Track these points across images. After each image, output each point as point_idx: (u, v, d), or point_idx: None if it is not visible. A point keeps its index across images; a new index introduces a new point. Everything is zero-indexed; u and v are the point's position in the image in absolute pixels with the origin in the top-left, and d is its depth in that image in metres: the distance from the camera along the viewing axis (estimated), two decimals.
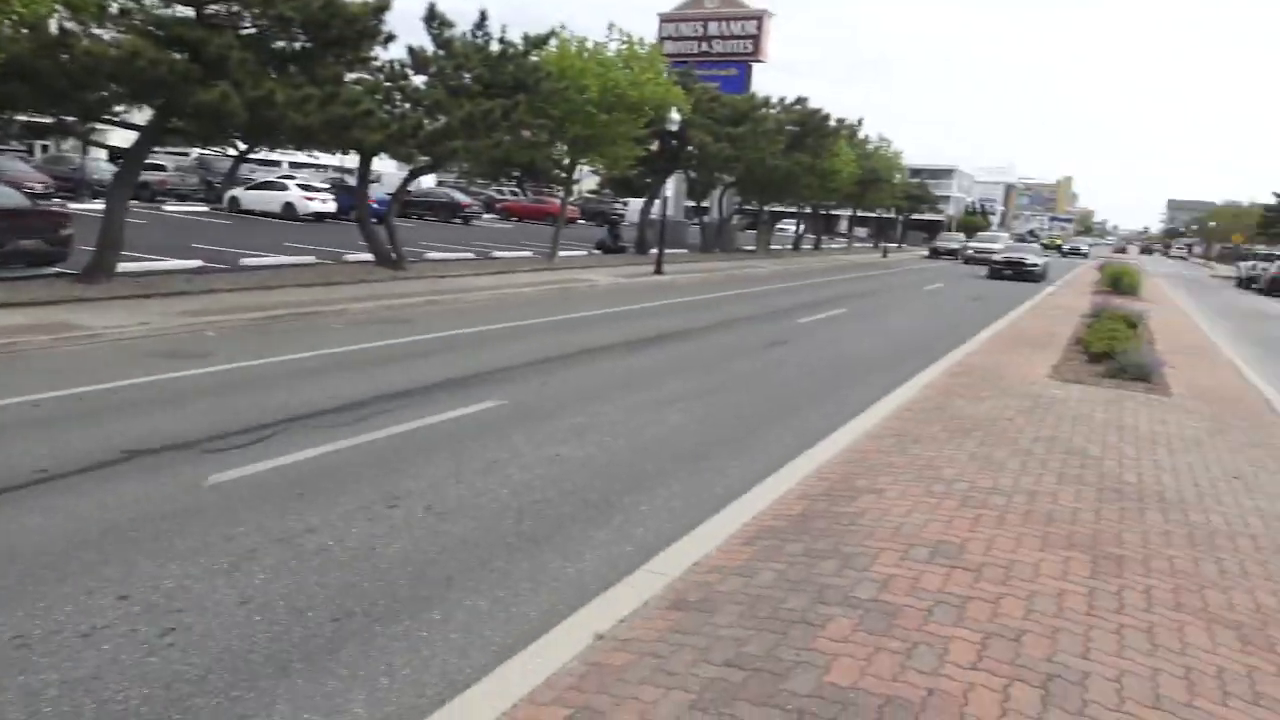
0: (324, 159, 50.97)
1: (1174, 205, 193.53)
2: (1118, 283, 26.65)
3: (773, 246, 44.67)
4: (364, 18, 14.94)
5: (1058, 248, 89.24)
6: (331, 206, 35.90)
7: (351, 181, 32.54)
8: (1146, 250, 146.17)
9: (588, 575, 4.88)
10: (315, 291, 15.72)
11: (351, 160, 24.93)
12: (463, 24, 20.66)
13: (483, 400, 8.62)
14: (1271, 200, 66.31)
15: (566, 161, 26.88)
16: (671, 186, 40.05)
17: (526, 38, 21.20)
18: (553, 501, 5.99)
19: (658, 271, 24.92)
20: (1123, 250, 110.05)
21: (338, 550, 4.98)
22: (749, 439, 7.94)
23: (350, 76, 16.97)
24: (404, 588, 4.59)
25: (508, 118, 19.34)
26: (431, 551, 5.06)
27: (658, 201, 30.54)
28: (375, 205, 28.97)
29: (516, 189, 63.18)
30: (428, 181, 48.17)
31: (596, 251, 31.58)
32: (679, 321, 15.58)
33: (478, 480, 6.30)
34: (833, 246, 60.49)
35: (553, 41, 22.91)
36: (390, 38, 16.71)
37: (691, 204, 43.05)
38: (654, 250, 28.27)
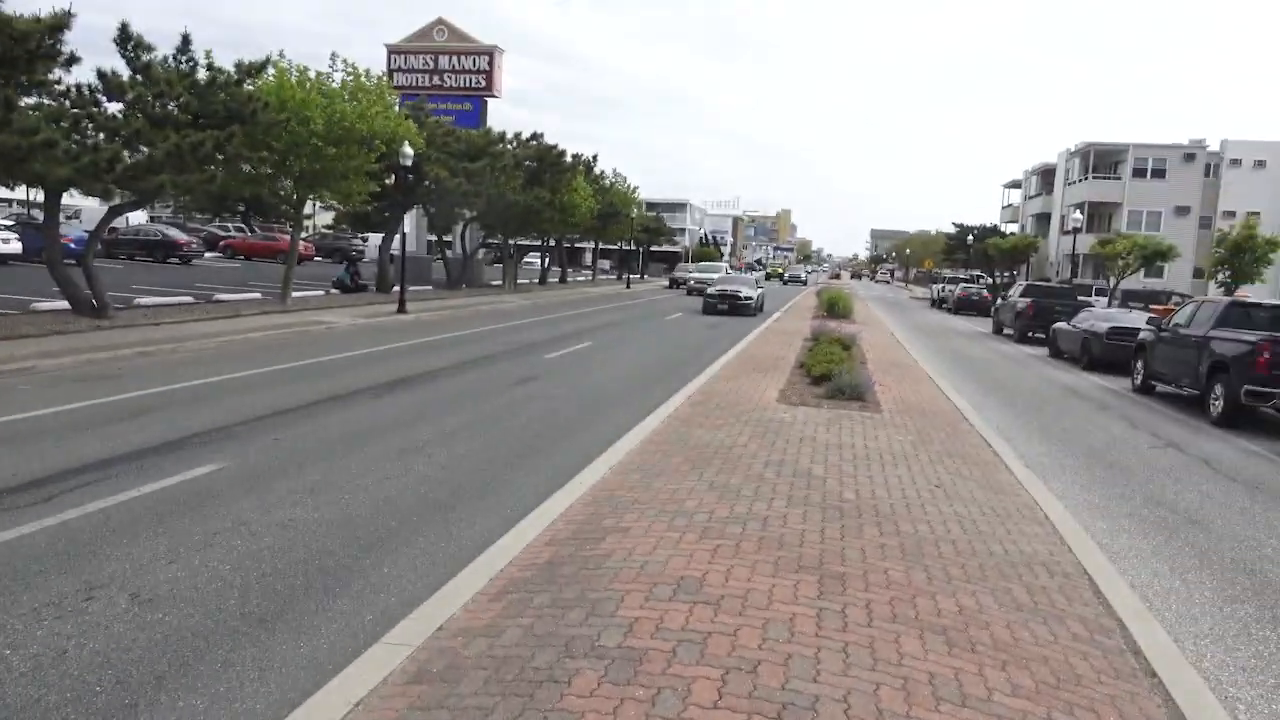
0: (4, 192, 45.08)
1: (876, 234, 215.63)
2: (833, 308, 29.17)
3: (520, 280, 44.84)
4: (35, 35, 13.33)
5: (780, 276, 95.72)
6: (15, 247, 31.77)
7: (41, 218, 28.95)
8: (856, 275, 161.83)
9: (323, 655, 4.53)
10: None
11: (39, 194, 22.16)
12: (164, 47, 19.10)
13: (202, 464, 7.86)
14: (952, 229, 75.57)
15: (294, 197, 25.50)
16: (411, 221, 39.13)
17: (239, 66, 19.94)
18: (284, 573, 5.53)
19: (400, 310, 24.20)
20: (837, 276, 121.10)
21: (17, 660, 4.28)
22: (497, 484, 7.80)
23: (27, 101, 15.09)
24: (101, 696, 4.02)
25: (222, 150, 18.05)
26: (137, 648, 4.48)
27: (398, 237, 29.71)
28: (72, 245, 25.96)
29: (243, 225, 59.14)
30: (138, 218, 43.86)
31: (334, 291, 30.17)
32: (424, 362, 15.15)
33: (195, 557, 5.70)
34: (578, 279, 61.73)
35: (270, 70, 21.72)
36: (74, 59, 15.08)
37: (434, 239, 42.32)
38: (396, 288, 27.43)
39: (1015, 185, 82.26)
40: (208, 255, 44.67)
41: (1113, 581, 5.86)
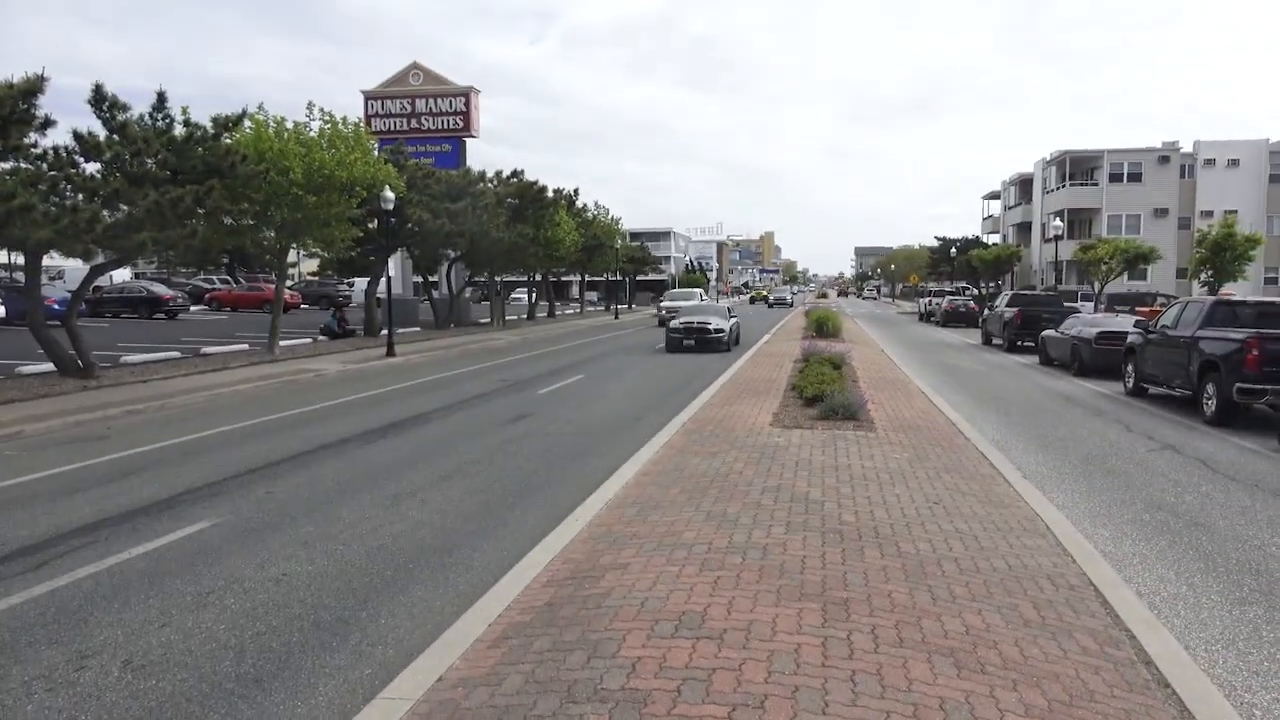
0: None
1: (860, 251, 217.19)
2: (822, 327, 29.22)
3: (508, 317, 44.88)
4: (9, 101, 13.35)
5: (765, 299, 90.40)
6: None
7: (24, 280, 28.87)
8: (843, 293, 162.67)
9: (320, 713, 4.43)
10: None
11: (21, 257, 22.09)
12: (140, 104, 19.17)
13: (194, 521, 7.77)
14: (935, 243, 76.07)
15: (278, 246, 25.49)
16: (396, 264, 39.16)
17: (216, 120, 20.01)
18: (279, 630, 5.44)
19: (389, 353, 24.13)
20: (824, 295, 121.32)
21: None
22: (493, 525, 7.72)
23: (3, 166, 15.09)
24: None
25: (202, 204, 18.07)
26: (130, 718, 4.38)
27: (383, 281, 29.69)
28: (56, 306, 25.87)
29: (227, 277, 59.11)
30: (121, 275, 43.83)
31: (322, 338, 30.11)
32: (415, 405, 15.07)
33: (188, 619, 5.60)
34: (567, 312, 61.85)
35: (246, 123, 21.79)
36: (49, 123, 15.12)
37: (420, 280, 42.33)
38: (385, 331, 27.37)
39: (994, 196, 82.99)
40: (194, 309, 44.60)
41: (1119, 591, 5.81)
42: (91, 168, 17.82)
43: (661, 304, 44.63)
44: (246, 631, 5.42)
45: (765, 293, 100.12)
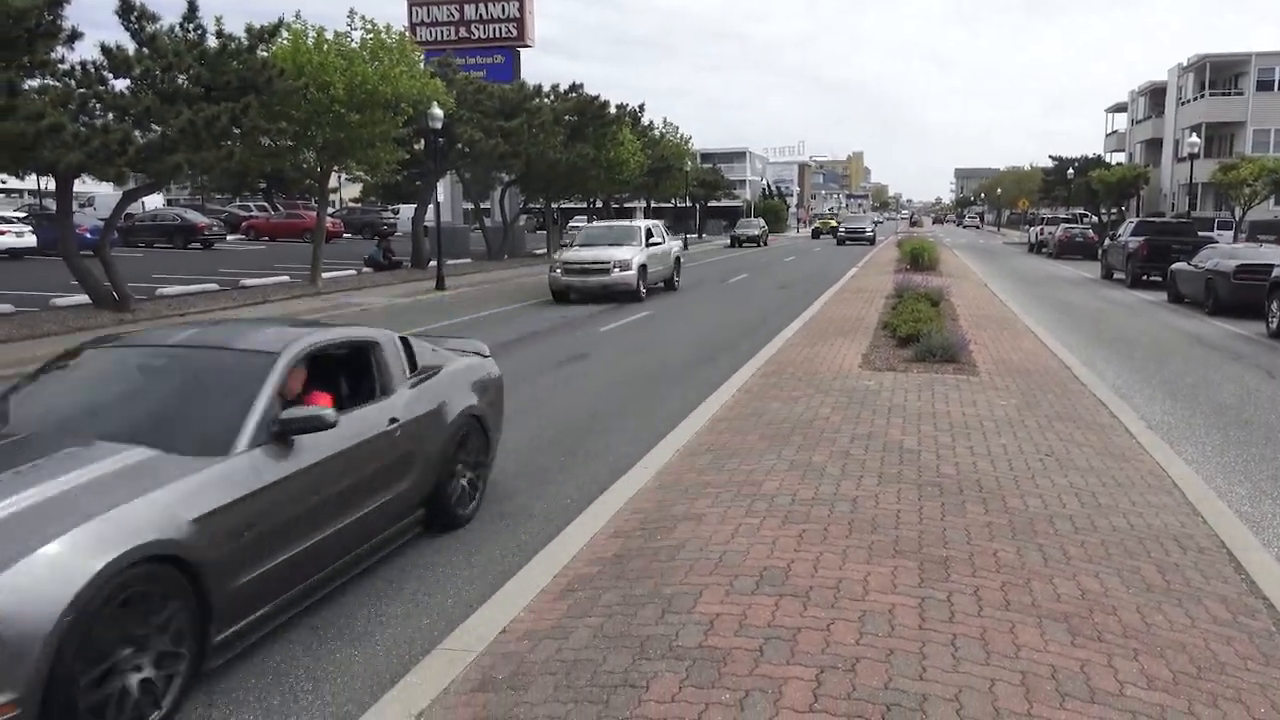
0: (15, 182, 46.65)
1: (961, 174, 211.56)
2: (917, 260, 28.68)
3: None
4: (34, 12, 13.67)
5: (832, 230, 72.81)
6: (29, 240, 32.91)
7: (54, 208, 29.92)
8: (938, 220, 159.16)
9: (379, 662, 4.61)
10: (14, 349, 14.25)
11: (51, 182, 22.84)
12: (169, 16, 19.50)
13: None
14: (1049, 164, 73.73)
15: (319, 169, 25.88)
16: (445, 190, 39.49)
17: (250, 30, 20.23)
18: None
19: (439, 286, 24.48)
20: (917, 224, 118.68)
21: None
22: (553, 472, 7.85)
23: (31, 84, 15.51)
24: None
25: (238, 124, 18.40)
26: None
27: (431, 207, 30.02)
28: (88, 235, 26.77)
29: (265, 204, 60.35)
30: (154, 202, 45.05)
31: (367, 269, 30.65)
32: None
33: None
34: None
35: (284, 34, 21.99)
36: (76, 35, 15.47)
37: (470, 207, 42.66)
38: (433, 263, 27.74)
39: (1120, 109, 79.69)
40: (230, 238, 45.69)
41: (1256, 554, 5.68)
42: (121, 84, 18.26)
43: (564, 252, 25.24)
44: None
45: (834, 222, 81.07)
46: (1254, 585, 5.21)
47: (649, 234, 23.47)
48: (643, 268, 21.87)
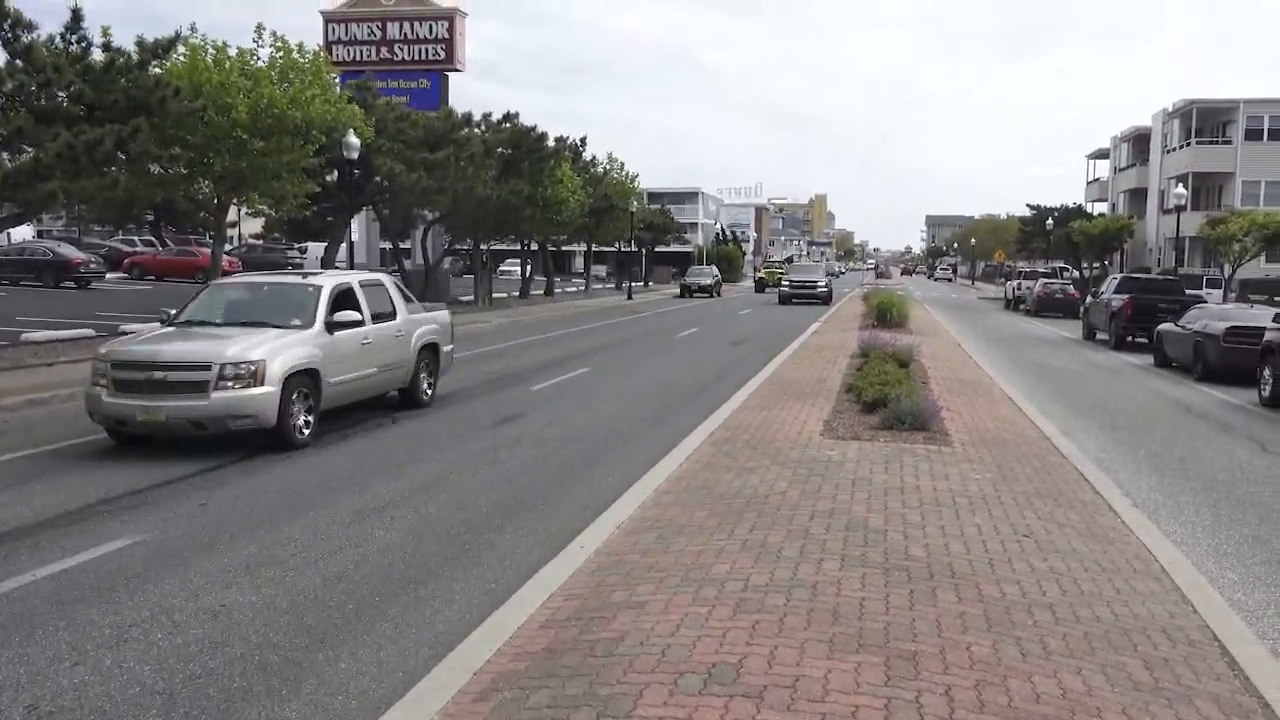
0: None
1: (933, 221, 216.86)
2: (884, 315, 29.16)
3: (496, 295, 45.04)
4: None
5: (774, 283, 64.07)
6: None
7: None
8: (907, 272, 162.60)
9: None
10: None
11: None
12: (50, 25, 19.33)
13: (112, 538, 7.87)
14: (1027, 212, 75.86)
15: (216, 201, 25.65)
16: (360, 227, 39.36)
17: (142, 45, 20.12)
18: (217, 674, 5.50)
19: None
20: (884, 275, 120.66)
21: None
22: (478, 551, 7.78)
23: None
24: None
25: (125, 148, 18.19)
26: None
27: (344, 247, 29.88)
28: None
29: (152, 239, 59.54)
30: (21, 233, 44.19)
31: None
32: (382, 400, 15.13)
33: (105, 657, 5.67)
34: (568, 290, 61.97)
35: (180, 49, 21.91)
36: None
37: (389, 247, 42.55)
38: None
39: (1102, 156, 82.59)
40: (110, 276, 44.91)
41: (1250, 648, 5.80)
42: None
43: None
44: (177, 675, 5.48)
45: (777, 274, 68.58)
46: (1248, 683, 5.31)
47: (341, 301, 13.05)
48: (300, 378, 11.74)
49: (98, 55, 19.65)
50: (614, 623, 5.63)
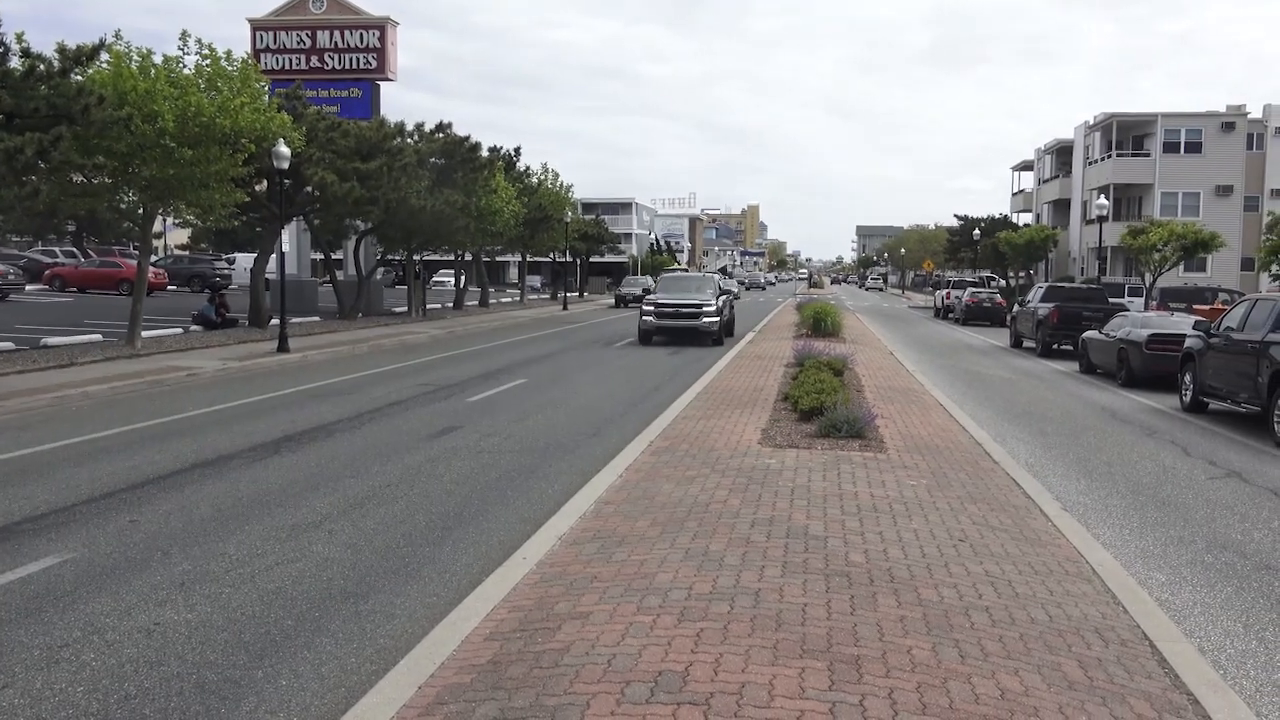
0: None
1: (863, 231, 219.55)
2: (818, 324, 29.53)
3: (429, 305, 44.69)
4: None
5: (641, 300, 38.60)
6: None
7: None
8: (837, 281, 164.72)
9: None
10: None
11: None
12: None
13: (39, 557, 7.67)
14: (955, 223, 77.19)
15: (141, 211, 25.14)
16: (290, 237, 38.83)
17: (64, 52, 19.67)
18: (152, 694, 5.40)
19: (282, 349, 23.92)
20: (817, 284, 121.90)
21: None
22: (419, 564, 7.72)
23: None
24: None
25: (46, 158, 17.76)
26: None
27: (274, 257, 29.44)
28: None
29: (74, 249, 58.17)
30: None
31: (196, 328, 29.76)
32: (315, 414, 14.97)
33: (36, 679, 5.53)
34: (503, 300, 61.69)
35: (104, 57, 21.46)
36: None
37: (320, 258, 42.01)
38: (275, 321, 27.12)
39: (1027, 168, 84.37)
40: (30, 288, 43.76)
41: (1178, 646, 5.98)
42: None
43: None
44: (111, 695, 5.36)
45: (642, 289, 53.43)
46: (1178, 680, 5.47)
47: None
48: None
49: (16, 62, 19.16)
50: (559, 633, 5.63)
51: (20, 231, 67.28)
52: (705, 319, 29.34)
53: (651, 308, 29.80)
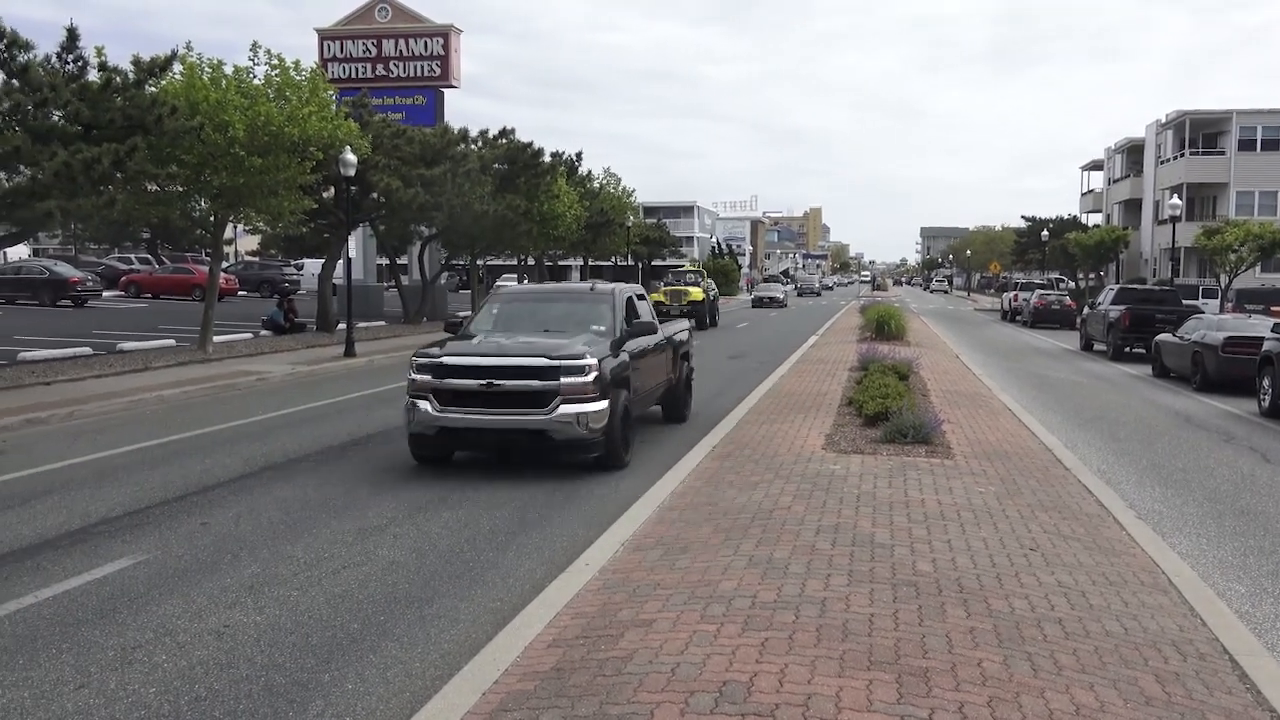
0: None
1: (928, 233, 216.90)
2: (882, 328, 29.20)
3: None
4: None
5: (671, 306, 37.24)
6: None
7: None
8: (900, 283, 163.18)
9: None
10: None
11: None
12: (46, 44, 19.30)
13: (113, 559, 7.83)
14: (1022, 224, 76.01)
15: (212, 219, 25.63)
16: (356, 243, 39.35)
17: (139, 64, 20.12)
18: (222, 696, 5.47)
19: (348, 353, 24.23)
20: (881, 287, 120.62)
21: None
22: (483, 569, 7.75)
23: None
24: None
25: (122, 167, 18.15)
26: None
27: (341, 263, 29.85)
28: None
29: (148, 256, 59.58)
30: (18, 252, 44.17)
31: (266, 332, 30.27)
32: (381, 418, 15.12)
33: (110, 679, 5.64)
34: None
35: (176, 68, 21.92)
36: None
37: (385, 263, 42.53)
38: (342, 326, 27.48)
39: (1096, 167, 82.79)
40: (107, 294, 44.88)
41: (1260, 661, 5.80)
42: None
43: None
44: (183, 697, 5.45)
45: (668, 291, 41.20)
46: (1260, 696, 5.30)
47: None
48: None
49: (94, 75, 19.63)
50: (622, 641, 5.60)
51: (98, 239, 69.18)
52: (560, 407, 10.80)
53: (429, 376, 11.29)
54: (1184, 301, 31.57)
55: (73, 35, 19.67)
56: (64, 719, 5.18)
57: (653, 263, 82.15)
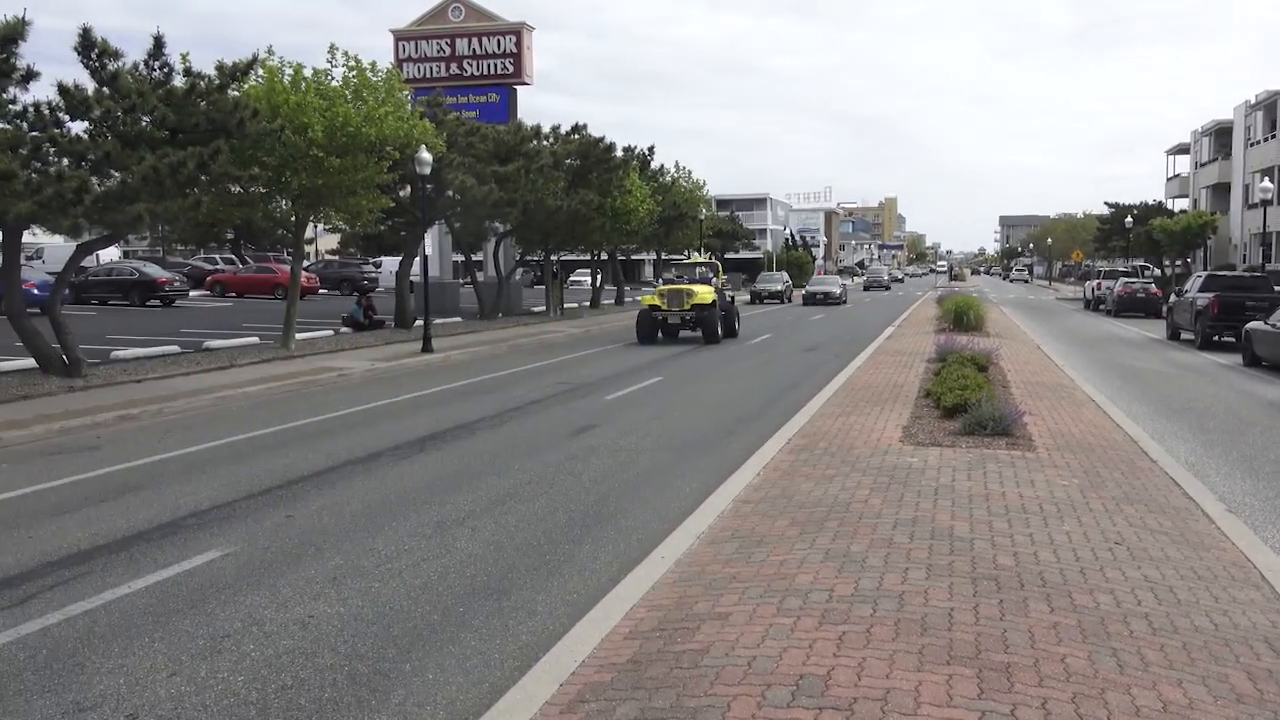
0: None
1: (1007, 222, 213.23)
2: (960, 318, 28.73)
3: (567, 305, 45.25)
4: None
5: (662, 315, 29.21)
6: None
7: None
8: (976, 272, 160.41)
9: None
10: None
11: None
12: (133, 52, 19.86)
13: (203, 551, 8.04)
14: (1105, 211, 74.28)
15: (293, 219, 26.16)
16: (432, 241, 39.84)
17: (221, 69, 20.61)
18: (308, 684, 5.59)
19: (426, 349, 24.56)
20: (958, 277, 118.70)
21: None
22: (559, 561, 7.81)
23: None
24: None
25: (206, 170, 18.62)
26: None
27: (418, 260, 30.28)
28: (36, 291, 27.03)
29: (232, 257, 61.03)
30: (109, 254, 45.55)
31: (346, 329, 30.83)
32: (458, 413, 15.31)
33: (201, 668, 5.80)
34: (638, 298, 61.91)
35: (257, 72, 22.39)
36: (31, 75, 15.79)
37: (461, 260, 43.02)
38: (419, 322, 27.87)
39: (1182, 151, 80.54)
40: (193, 294, 46.07)
41: None
42: (78, 127, 18.53)
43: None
44: (270, 685, 5.58)
45: (681, 291, 29.00)
46: None
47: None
48: None
49: (179, 80, 20.16)
50: (698, 634, 5.60)
51: (184, 240, 71.01)
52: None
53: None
54: (1276, 288, 30.57)
55: (159, 43, 20.24)
56: (156, 705, 5.34)
57: (725, 255, 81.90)
